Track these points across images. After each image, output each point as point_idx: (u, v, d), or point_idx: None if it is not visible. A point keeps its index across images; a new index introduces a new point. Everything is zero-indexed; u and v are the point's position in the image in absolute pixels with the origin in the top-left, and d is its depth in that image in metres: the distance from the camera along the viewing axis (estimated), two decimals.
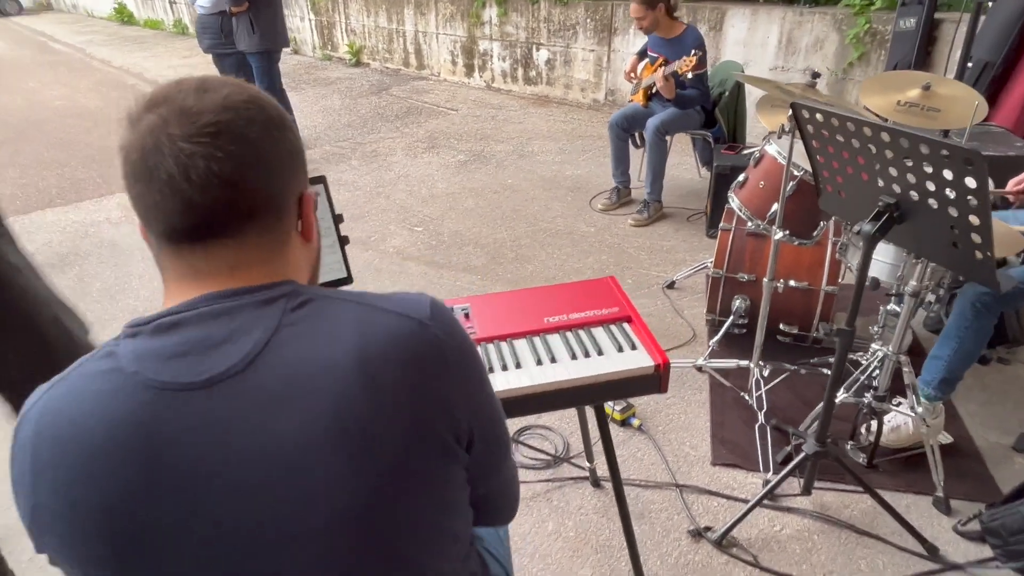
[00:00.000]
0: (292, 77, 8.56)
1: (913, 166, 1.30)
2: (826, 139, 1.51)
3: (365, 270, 3.45)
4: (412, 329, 0.68)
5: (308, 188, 0.77)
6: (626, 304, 1.44)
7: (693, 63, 3.35)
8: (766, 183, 2.03)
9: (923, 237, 1.41)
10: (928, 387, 1.99)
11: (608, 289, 1.49)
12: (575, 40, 6.15)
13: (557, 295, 1.48)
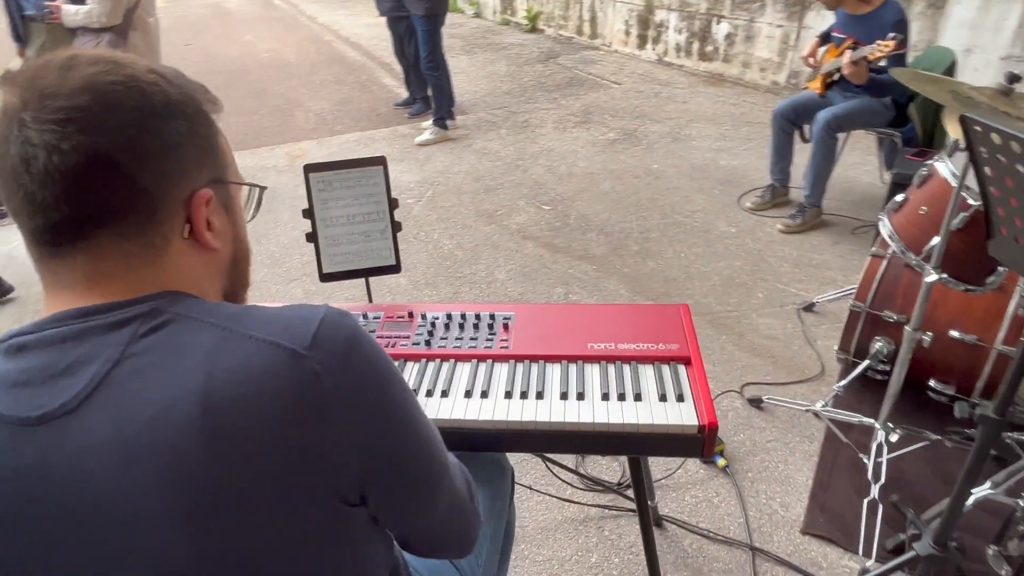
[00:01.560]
0: (468, 40, 8.74)
1: None
2: (1004, 168, 1.13)
3: (482, 245, 3.41)
4: (279, 363, 0.56)
5: (221, 184, 0.67)
6: (690, 342, 1.21)
7: (891, 48, 2.78)
8: (930, 209, 1.61)
9: None
10: None
11: (676, 320, 1.27)
12: (761, 13, 5.52)
13: (613, 317, 1.29)
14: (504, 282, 3.07)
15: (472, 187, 4.15)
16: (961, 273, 1.61)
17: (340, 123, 5.66)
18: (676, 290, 2.92)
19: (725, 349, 2.52)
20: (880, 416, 1.84)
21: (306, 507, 0.58)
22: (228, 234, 0.69)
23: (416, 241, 3.50)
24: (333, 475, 0.59)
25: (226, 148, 0.69)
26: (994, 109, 1.24)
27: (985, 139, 1.14)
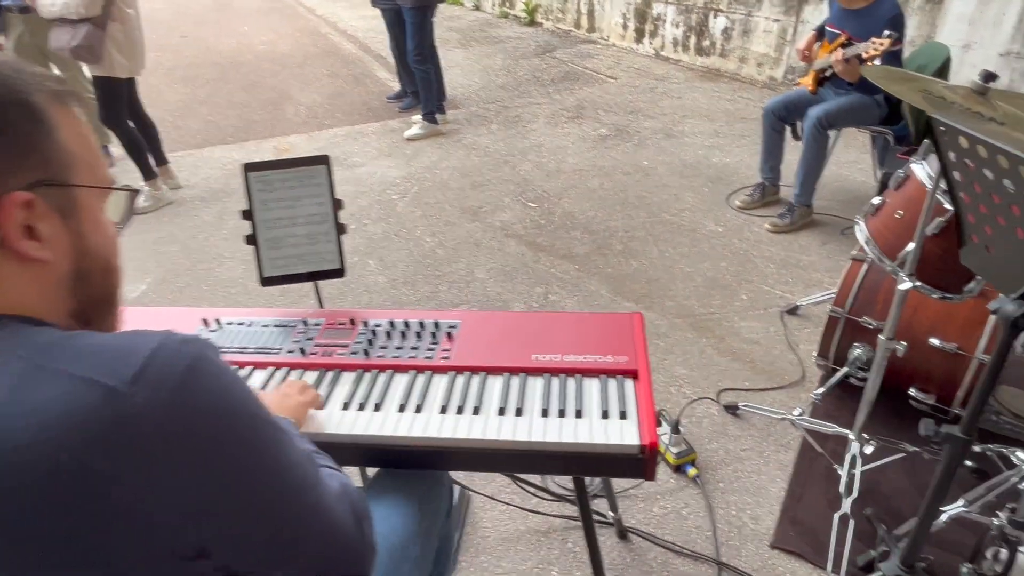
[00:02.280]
0: (465, 33, 8.65)
1: None
2: (972, 174, 1.06)
3: (464, 243, 3.35)
4: (89, 403, 0.49)
5: (53, 187, 0.58)
6: (639, 354, 1.15)
7: (885, 47, 2.69)
8: (906, 213, 1.54)
9: None
10: None
11: (627, 330, 1.20)
12: (759, 7, 5.42)
13: (563, 326, 1.22)
14: (484, 282, 3.01)
15: (459, 183, 4.08)
16: (938, 280, 1.54)
17: (330, 117, 5.59)
18: (658, 291, 2.85)
19: (704, 353, 2.45)
20: (855, 427, 1.78)
21: (129, 569, 0.51)
22: (64, 244, 0.60)
23: (397, 239, 3.44)
24: (159, 533, 0.51)
25: (73, 146, 0.60)
26: (967, 110, 1.17)
27: (953, 142, 1.07)
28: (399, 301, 2.90)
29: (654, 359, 2.43)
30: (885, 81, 1.23)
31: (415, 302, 2.88)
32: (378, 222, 3.63)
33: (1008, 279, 1.12)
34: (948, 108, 1.18)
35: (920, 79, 1.27)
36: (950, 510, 1.56)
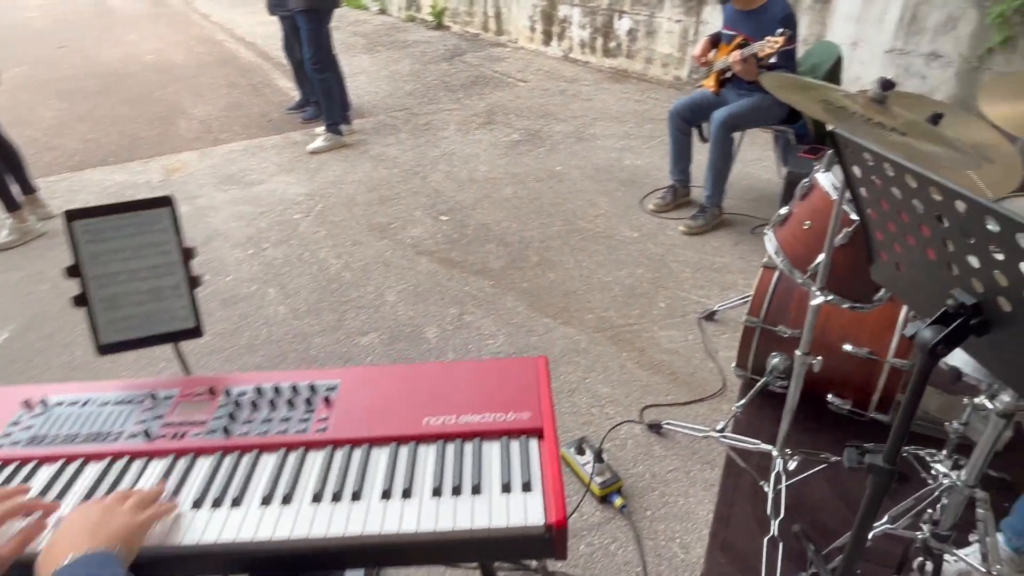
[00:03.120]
0: (370, 38, 8.38)
1: (1006, 261, 0.78)
2: (878, 190, 1.00)
3: (373, 263, 3.15)
4: None
5: None
6: (545, 406, 1.02)
7: (780, 44, 2.72)
8: (813, 224, 1.50)
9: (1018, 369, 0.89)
10: (1018, 537, 1.43)
11: (531, 378, 1.07)
12: (661, 8, 5.48)
13: (458, 378, 1.08)
14: (394, 305, 2.83)
15: (366, 198, 3.87)
16: (847, 290, 1.50)
17: (227, 131, 5.22)
18: (576, 304, 2.76)
19: (625, 368, 2.38)
20: (777, 442, 1.73)
21: None
22: None
23: (300, 263, 3.19)
24: None
25: None
26: (868, 120, 1.12)
27: (857, 158, 1.00)
28: (302, 333, 2.67)
29: (575, 378, 2.34)
30: (785, 92, 1.16)
31: (319, 332, 2.67)
32: (279, 245, 3.37)
33: (921, 301, 1.06)
34: (849, 119, 1.12)
35: (819, 88, 1.21)
36: (876, 529, 1.53)
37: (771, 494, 1.72)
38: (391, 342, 2.58)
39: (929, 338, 0.93)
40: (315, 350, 2.57)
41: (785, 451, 1.73)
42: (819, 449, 1.93)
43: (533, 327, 2.63)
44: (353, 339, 2.62)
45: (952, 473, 1.34)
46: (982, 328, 0.91)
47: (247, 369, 2.48)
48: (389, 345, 2.57)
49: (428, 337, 2.61)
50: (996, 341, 0.91)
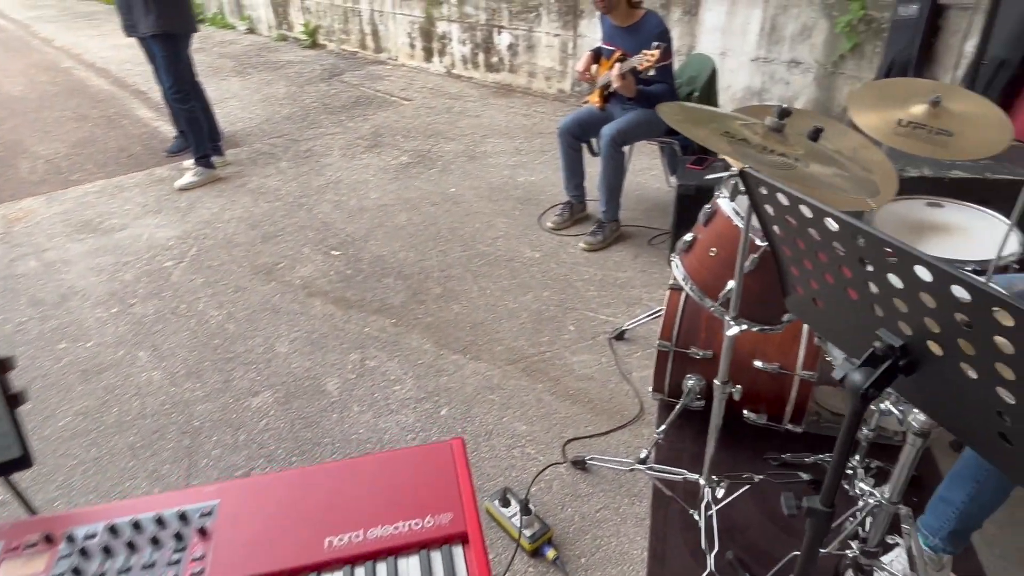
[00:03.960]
0: (240, 60, 7.89)
1: (937, 309, 0.75)
2: (793, 230, 0.96)
3: (260, 311, 2.88)
4: None
5: None
6: (467, 501, 0.89)
7: (656, 58, 2.77)
8: (719, 251, 1.48)
9: (949, 408, 0.87)
10: (935, 536, 1.47)
11: (447, 468, 0.94)
12: (538, 23, 5.51)
13: (362, 479, 0.93)
14: (287, 356, 2.59)
15: (247, 237, 3.56)
16: (756, 314, 1.49)
17: (79, 170, 4.67)
18: (484, 337, 2.65)
19: (542, 401, 2.29)
20: (703, 471, 1.70)
21: None
22: None
23: (174, 318, 2.86)
24: None
25: None
26: (771, 152, 1.09)
27: (771, 198, 0.96)
28: (182, 401, 2.38)
29: (491, 419, 2.22)
30: (686, 125, 1.12)
31: (203, 398, 2.38)
32: (148, 299, 3.01)
33: (843, 338, 1.04)
34: (755, 153, 1.08)
35: (719, 118, 1.17)
36: None
37: (703, 524, 1.68)
38: (287, 401, 2.35)
39: (860, 382, 0.89)
40: (199, 419, 2.28)
41: (712, 478, 1.70)
42: (740, 464, 1.93)
43: (442, 366, 2.49)
44: (243, 402, 2.36)
45: (876, 491, 1.35)
46: (909, 368, 0.88)
47: (118, 453, 2.16)
48: (285, 405, 2.33)
49: (329, 390, 2.40)
50: (923, 380, 0.88)
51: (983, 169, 2.48)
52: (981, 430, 0.83)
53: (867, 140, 1.81)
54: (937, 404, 0.91)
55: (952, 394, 0.84)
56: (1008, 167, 2.50)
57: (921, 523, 1.52)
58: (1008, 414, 0.75)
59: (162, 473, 2.07)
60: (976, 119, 1.91)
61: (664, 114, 1.14)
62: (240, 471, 2.07)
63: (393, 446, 2.12)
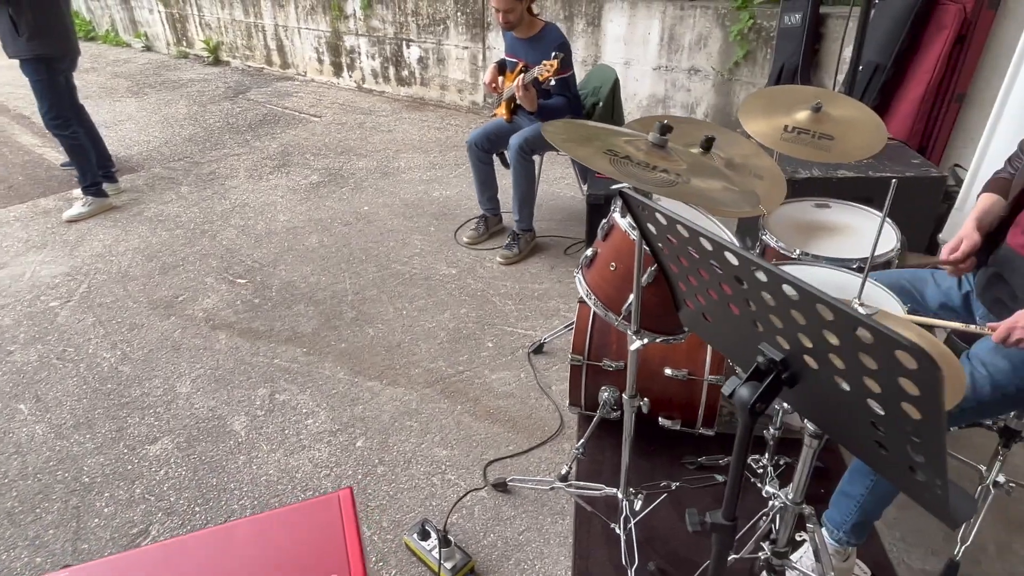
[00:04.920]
0: (137, 80, 7.45)
1: (807, 326, 0.75)
2: (675, 248, 0.96)
3: (158, 349, 2.69)
4: None
5: None
6: (353, 561, 0.83)
7: (554, 67, 2.79)
8: (618, 265, 1.48)
9: (831, 418, 0.89)
10: (839, 530, 1.52)
11: (331, 525, 0.87)
12: (447, 36, 5.48)
13: (238, 547, 0.85)
14: (189, 397, 2.42)
15: (143, 269, 3.33)
16: (658, 325, 1.50)
17: None
18: (401, 359, 2.57)
19: (462, 423, 2.24)
20: (619, 484, 1.69)
21: None
22: None
23: (61, 363, 2.63)
24: None
25: None
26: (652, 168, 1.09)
27: (652, 218, 0.95)
28: (70, 455, 2.18)
29: (409, 446, 2.15)
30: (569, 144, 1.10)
31: (94, 450, 2.19)
32: (30, 345, 2.76)
33: (731, 351, 1.04)
34: (638, 171, 1.08)
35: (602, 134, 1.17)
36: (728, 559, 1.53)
37: (623, 537, 1.68)
38: (189, 445, 2.19)
39: (747, 397, 0.89)
40: (89, 475, 2.10)
41: (629, 491, 1.70)
42: (659, 471, 1.95)
43: (357, 395, 2.40)
44: (139, 451, 2.18)
45: (780, 493, 1.38)
46: (792, 381, 0.89)
47: None
48: (187, 450, 2.18)
49: (236, 430, 2.26)
50: (805, 392, 0.89)
51: (866, 168, 2.62)
52: (861, 439, 0.84)
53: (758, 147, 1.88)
54: (820, 414, 0.92)
55: (831, 405, 0.85)
56: (888, 165, 2.66)
57: (826, 517, 1.57)
58: (880, 424, 0.76)
59: (45, 540, 1.88)
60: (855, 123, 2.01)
61: (547, 134, 1.12)
62: (136, 528, 1.91)
63: (305, 484, 2.02)
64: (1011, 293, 1.40)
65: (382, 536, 1.84)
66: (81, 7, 9.66)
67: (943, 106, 3.03)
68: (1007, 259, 1.43)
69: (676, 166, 1.12)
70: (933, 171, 2.61)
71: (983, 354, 1.38)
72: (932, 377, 0.61)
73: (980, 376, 1.35)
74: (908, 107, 3.06)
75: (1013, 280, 1.41)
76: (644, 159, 1.11)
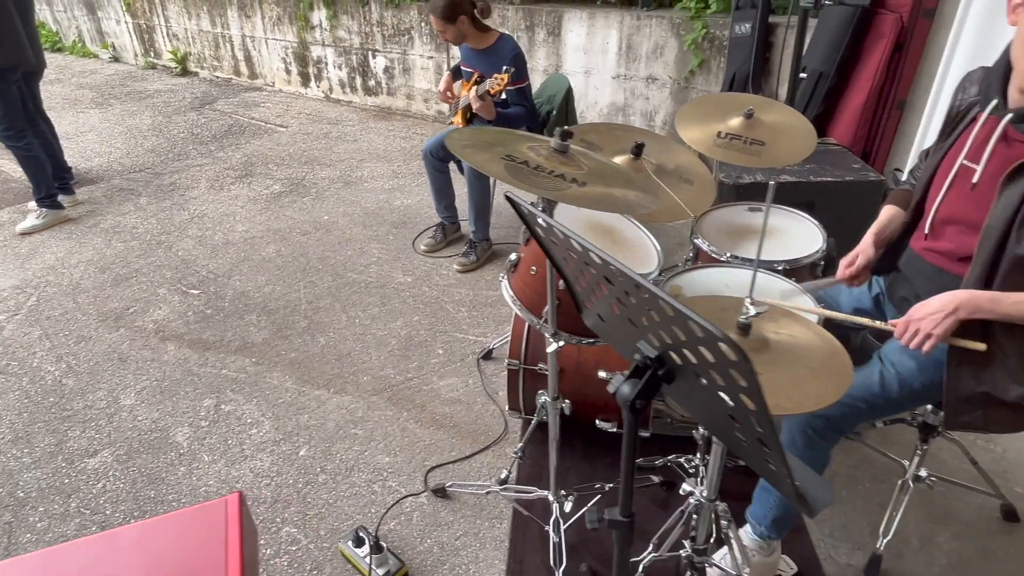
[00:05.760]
0: (102, 91, 7.39)
1: (661, 323, 0.78)
2: (559, 248, 0.98)
3: (104, 361, 2.66)
4: None
5: None
6: (233, 564, 0.83)
7: (504, 81, 2.82)
8: (538, 269, 1.50)
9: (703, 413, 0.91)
10: (760, 524, 1.55)
11: (214, 532, 0.88)
12: (412, 46, 5.51)
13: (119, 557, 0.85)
14: (133, 409, 2.40)
15: (95, 281, 3.30)
16: (577, 327, 1.52)
17: None
18: (351, 368, 2.57)
19: (407, 430, 2.24)
20: (550, 488, 1.71)
21: None
22: None
23: (2, 378, 2.59)
24: None
25: None
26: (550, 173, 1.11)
27: (535, 220, 0.98)
28: (6, 471, 2.14)
29: (351, 455, 2.14)
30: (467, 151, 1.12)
31: (31, 465, 2.16)
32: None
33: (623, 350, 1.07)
34: (532, 176, 1.10)
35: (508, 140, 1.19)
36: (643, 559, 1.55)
37: (555, 540, 1.69)
38: (129, 458, 2.17)
39: (628, 394, 0.91)
40: (24, 490, 2.07)
41: (560, 493, 1.71)
42: (599, 473, 1.97)
43: (304, 404, 2.39)
44: (77, 464, 2.16)
45: (696, 490, 1.40)
46: (668, 377, 0.91)
47: None
48: (127, 462, 2.16)
49: (178, 441, 2.24)
50: (682, 388, 0.92)
51: (808, 173, 2.68)
52: (727, 432, 0.87)
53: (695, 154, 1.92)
54: (697, 410, 0.95)
55: (702, 401, 0.88)
56: (829, 170, 2.72)
57: (749, 512, 1.60)
58: (735, 417, 0.79)
59: None
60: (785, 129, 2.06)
61: (449, 142, 1.14)
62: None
63: (246, 495, 2.00)
64: (914, 292, 1.44)
65: (319, 544, 1.83)
66: (48, 18, 9.56)
67: (885, 112, 3.11)
68: (910, 261, 1.47)
69: (575, 171, 1.14)
70: (872, 175, 2.68)
71: (892, 354, 1.42)
72: (748, 368, 0.63)
73: (889, 374, 1.39)
74: (851, 114, 3.13)
75: (915, 280, 1.45)
76: (544, 164, 1.14)
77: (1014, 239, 1.20)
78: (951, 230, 1.39)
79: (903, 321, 1.27)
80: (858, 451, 2.06)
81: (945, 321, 1.23)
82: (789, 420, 1.44)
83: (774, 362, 1.12)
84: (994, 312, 1.22)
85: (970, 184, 1.33)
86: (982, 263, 1.25)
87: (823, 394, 1.05)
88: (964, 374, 1.31)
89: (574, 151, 1.21)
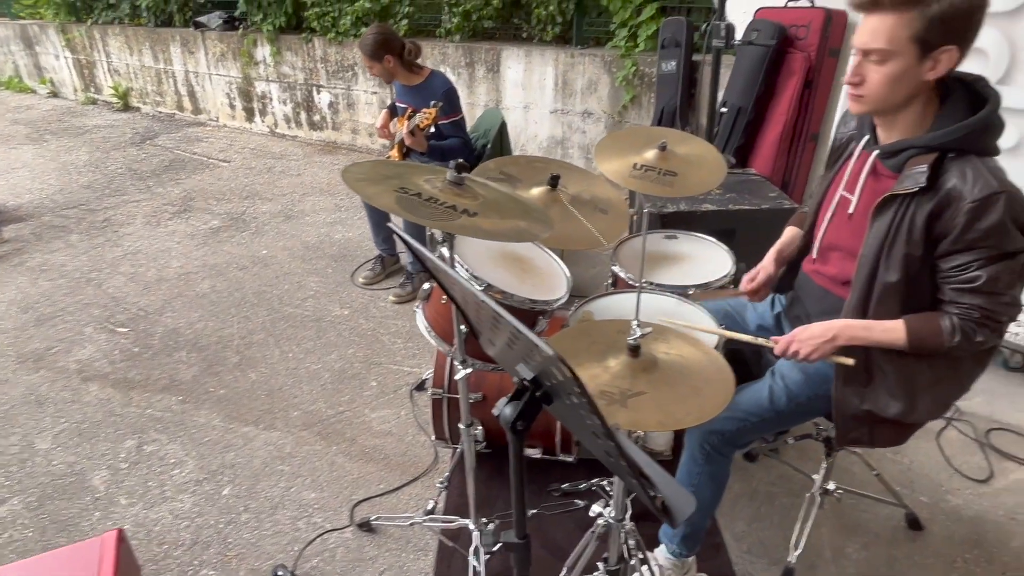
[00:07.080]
0: (37, 126, 7.21)
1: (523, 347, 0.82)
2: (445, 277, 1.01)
3: (20, 405, 2.55)
4: None
5: None
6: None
7: (432, 115, 2.88)
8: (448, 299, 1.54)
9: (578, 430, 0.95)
10: (672, 543, 1.59)
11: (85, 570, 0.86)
12: (355, 81, 5.57)
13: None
14: (48, 453, 2.30)
15: (16, 322, 3.18)
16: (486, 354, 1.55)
17: None
18: (281, 403, 2.54)
19: (335, 464, 2.22)
20: (470, 515, 1.71)
21: None
22: None
23: None
24: None
25: None
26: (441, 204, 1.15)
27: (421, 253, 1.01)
28: None
29: (277, 492, 2.10)
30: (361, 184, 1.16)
31: None
32: None
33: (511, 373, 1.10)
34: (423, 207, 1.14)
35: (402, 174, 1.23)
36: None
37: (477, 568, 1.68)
38: (40, 505, 2.08)
39: (509, 415, 0.94)
40: None
41: (481, 521, 1.72)
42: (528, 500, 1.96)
43: (230, 441, 2.34)
44: None
45: (604, 511, 1.43)
46: (547, 398, 0.95)
47: None
48: (37, 510, 2.06)
49: (95, 485, 2.16)
50: (559, 409, 0.95)
51: (727, 202, 2.81)
52: (596, 448, 0.90)
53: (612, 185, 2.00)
54: (574, 428, 0.98)
55: (575, 419, 0.91)
56: (747, 199, 2.85)
57: (661, 531, 1.63)
58: (597, 434, 0.82)
59: None
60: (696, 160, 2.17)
61: (345, 175, 1.17)
62: None
63: (162, 538, 1.94)
64: (806, 311, 1.53)
65: None
66: None
67: (800, 144, 3.29)
68: (802, 282, 1.56)
69: (469, 202, 1.19)
70: (787, 203, 2.82)
71: (784, 368, 1.50)
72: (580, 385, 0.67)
73: (778, 388, 1.46)
74: (769, 146, 3.30)
75: (807, 300, 1.54)
76: (438, 195, 1.18)
77: (883, 268, 1.29)
78: (835, 255, 1.48)
79: (785, 340, 1.34)
80: (776, 468, 2.13)
81: (824, 346, 1.30)
82: (689, 437, 1.49)
83: (661, 380, 1.17)
84: (868, 339, 1.30)
85: (847, 214, 1.43)
86: (859, 289, 1.34)
87: (704, 410, 1.10)
88: (849, 394, 1.38)
89: (471, 183, 1.25)
